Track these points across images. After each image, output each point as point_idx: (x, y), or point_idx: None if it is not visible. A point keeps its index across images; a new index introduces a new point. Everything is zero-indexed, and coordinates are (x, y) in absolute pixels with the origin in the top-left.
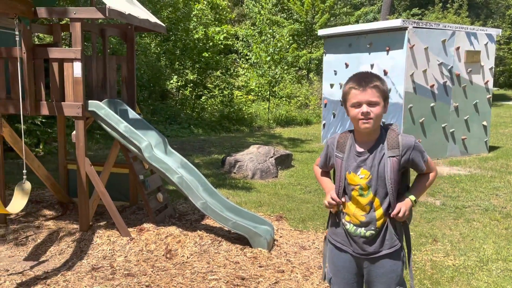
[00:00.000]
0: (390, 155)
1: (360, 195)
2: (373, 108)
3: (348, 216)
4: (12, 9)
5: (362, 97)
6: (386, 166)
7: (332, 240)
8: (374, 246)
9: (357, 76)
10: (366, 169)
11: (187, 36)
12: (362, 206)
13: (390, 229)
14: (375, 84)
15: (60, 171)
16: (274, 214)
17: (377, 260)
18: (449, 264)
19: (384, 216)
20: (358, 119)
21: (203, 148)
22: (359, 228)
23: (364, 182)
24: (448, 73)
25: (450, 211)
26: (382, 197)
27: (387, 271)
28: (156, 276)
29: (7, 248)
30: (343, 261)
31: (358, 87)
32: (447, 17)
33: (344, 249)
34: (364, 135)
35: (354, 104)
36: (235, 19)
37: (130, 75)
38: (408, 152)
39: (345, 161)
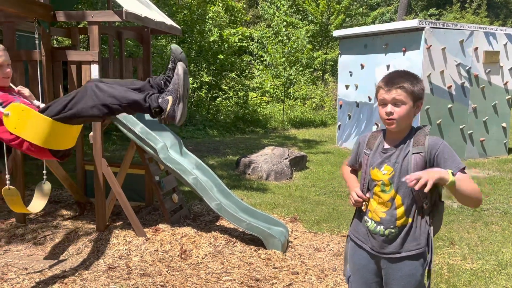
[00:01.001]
0: (415, 152)
1: (382, 191)
2: (398, 108)
3: (370, 213)
4: (31, 13)
5: (387, 97)
6: (410, 162)
7: (353, 237)
8: (393, 246)
9: (388, 75)
10: (390, 165)
11: (203, 38)
12: (384, 202)
13: (414, 231)
14: (402, 85)
15: (78, 171)
16: (288, 216)
17: (396, 262)
18: (467, 267)
19: (405, 216)
20: (384, 118)
21: (218, 149)
22: (378, 226)
23: (386, 178)
24: (466, 74)
25: (468, 214)
26: (403, 195)
27: (405, 274)
28: (171, 276)
29: (26, 247)
30: (361, 259)
31: (384, 86)
32: (466, 17)
33: (364, 246)
34: (393, 133)
35: (380, 102)
36: (250, 21)
37: (146, 77)
38: (433, 151)
39: (371, 157)
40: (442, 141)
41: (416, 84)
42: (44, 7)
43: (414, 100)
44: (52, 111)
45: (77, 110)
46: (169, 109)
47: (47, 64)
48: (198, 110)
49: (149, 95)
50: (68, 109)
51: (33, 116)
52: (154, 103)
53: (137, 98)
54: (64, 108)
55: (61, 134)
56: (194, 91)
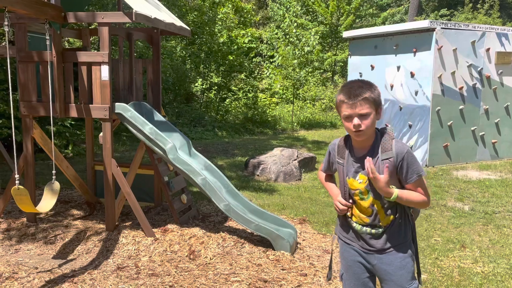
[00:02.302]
0: (384, 158)
1: (361, 199)
2: (365, 120)
3: (354, 217)
4: (43, 14)
5: (352, 111)
6: (380, 169)
7: (342, 237)
8: (380, 241)
9: (347, 87)
10: (364, 174)
11: (212, 39)
12: (365, 209)
13: (397, 226)
14: (365, 97)
15: (88, 172)
16: (297, 217)
17: (385, 256)
18: (478, 271)
19: (387, 216)
20: (352, 131)
21: (227, 150)
22: (365, 227)
23: (363, 187)
24: (477, 75)
25: (479, 217)
26: (382, 200)
27: (397, 267)
28: (180, 276)
29: (37, 246)
30: (352, 256)
31: (348, 100)
32: (477, 18)
33: (352, 245)
34: (359, 142)
35: (345, 117)
36: (260, 22)
37: (156, 78)
38: (399, 158)
39: (345, 167)
40: (407, 149)
41: (374, 91)
42: (55, 8)
43: (376, 108)
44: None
45: None
46: None
47: (58, 65)
48: (207, 111)
49: None
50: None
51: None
52: None
53: None
54: None
55: None
56: (204, 92)
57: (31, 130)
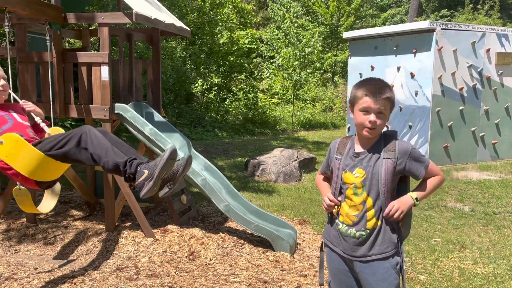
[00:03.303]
0: (386, 157)
1: (354, 193)
2: (380, 118)
3: (341, 216)
4: (43, 15)
5: (373, 106)
6: (381, 167)
7: (327, 241)
8: (363, 248)
9: (370, 84)
10: (362, 169)
11: (213, 40)
12: (356, 205)
13: (383, 234)
14: (387, 96)
15: (88, 172)
16: (297, 218)
17: (368, 265)
18: (478, 272)
19: (375, 219)
20: (364, 126)
21: (227, 151)
22: (350, 228)
23: (359, 181)
24: (478, 76)
25: (480, 218)
26: (374, 198)
27: (379, 279)
28: (179, 277)
29: (36, 247)
30: (336, 263)
31: (372, 95)
32: (478, 19)
33: (335, 249)
34: (365, 139)
35: (364, 109)
36: (260, 23)
37: (156, 79)
38: (404, 159)
39: (342, 161)
40: (410, 148)
41: (393, 93)
42: (55, 9)
43: (391, 110)
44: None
45: (68, 148)
46: (140, 181)
47: (58, 65)
48: (208, 111)
49: (131, 159)
50: (60, 146)
51: (26, 149)
52: (132, 169)
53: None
54: (56, 145)
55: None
56: (204, 92)
57: None
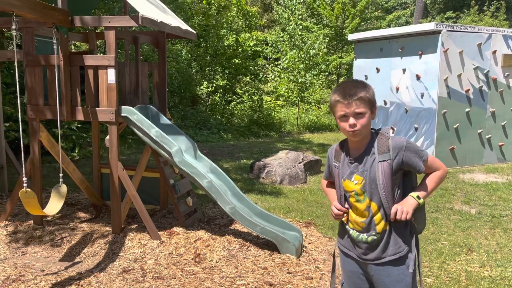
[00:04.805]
0: (381, 160)
1: (357, 201)
2: (360, 119)
3: (351, 223)
4: (50, 18)
5: (348, 110)
6: (378, 171)
7: (340, 246)
8: (376, 251)
9: (341, 87)
10: (359, 175)
11: (218, 42)
12: (361, 212)
13: (394, 234)
14: (360, 96)
15: (94, 174)
16: (302, 220)
17: (382, 268)
18: (485, 275)
19: (383, 221)
20: (348, 130)
21: (232, 153)
22: (361, 234)
23: (358, 188)
24: (484, 78)
25: (487, 220)
26: (378, 202)
27: (394, 280)
28: (185, 279)
29: (43, 249)
30: (350, 266)
31: (343, 100)
32: (484, 20)
33: (350, 254)
34: (355, 143)
35: (340, 116)
36: (265, 25)
37: (162, 81)
38: (400, 154)
39: (340, 169)
40: (405, 142)
41: (369, 91)
42: (62, 12)
43: (371, 107)
44: None
45: None
46: None
47: (65, 68)
48: (213, 114)
49: None
50: None
51: None
52: None
53: None
54: None
55: None
56: (209, 95)
57: (38, 133)
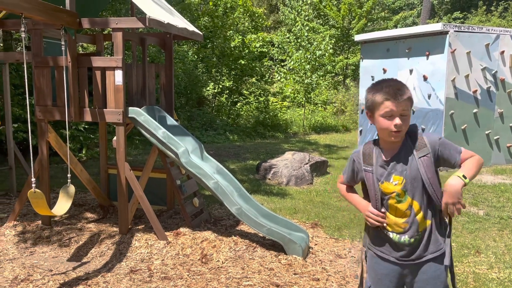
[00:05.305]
0: (420, 155)
1: (398, 202)
2: (404, 120)
3: (389, 226)
4: (59, 20)
5: (396, 110)
6: (420, 167)
7: (374, 249)
8: (418, 251)
9: (388, 86)
10: (398, 175)
11: (224, 43)
12: (402, 213)
13: (434, 232)
14: (409, 96)
15: (101, 175)
16: (309, 222)
17: (421, 266)
18: (493, 277)
19: (425, 220)
20: (390, 130)
21: (238, 154)
22: (402, 236)
23: (399, 188)
24: (492, 78)
25: (495, 222)
26: (420, 200)
27: (431, 277)
28: (192, 280)
29: (51, 249)
30: (385, 269)
31: (393, 99)
32: (491, 21)
33: (387, 257)
34: (389, 143)
35: (387, 115)
36: (271, 26)
37: (168, 82)
38: (436, 148)
39: (375, 173)
40: (438, 137)
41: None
42: (70, 14)
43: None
44: None
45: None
46: None
47: (73, 70)
48: (219, 115)
49: None
50: None
51: None
52: None
53: None
54: None
55: None
56: (215, 96)
57: (46, 134)
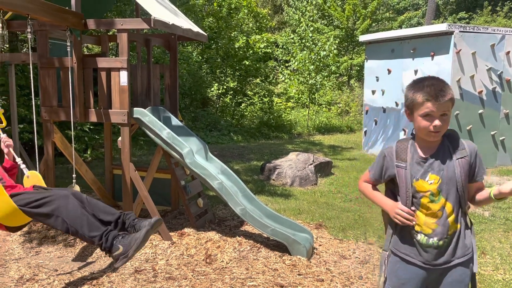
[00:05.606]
0: (459, 157)
1: (431, 201)
2: (444, 120)
3: (418, 226)
4: (64, 22)
5: (437, 111)
6: (456, 168)
7: (398, 253)
8: (446, 255)
9: (429, 86)
10: (435, 174)
11: (229, 44)
12: (434, 213)
13: (462, 236)
14: (450, 97)
15: (106, 175)
16: (313, 222)
17: (448, 271)
18: (499, 278)
19: (455, 223)
20: (428, 131)
21: (243, 154)
22: (431, 238)
23: (434, 187)
24: (497, 79)
25: (500, 223)
26: (453, 202)
27: (455, 280)
28: (196, 280)
29: (57, 249)
30: (409, 274)
31: (434, 100)
32: (497, 21)
33: (413, 261)
34: (427, 142)
35: (426, 115)
36: (275, 27)
37: (173, 83)
38: (473, 156)
39: (410, 169)
40: (476, 147)
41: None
42: (76, 16)
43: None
44: (21, 201)
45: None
46: (115, 255)
47: (78, 70)
48: (223, 115)
49: (107, 232)
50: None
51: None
52: (107, 243)
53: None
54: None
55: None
56: (220, 97)
57: (52, 134)
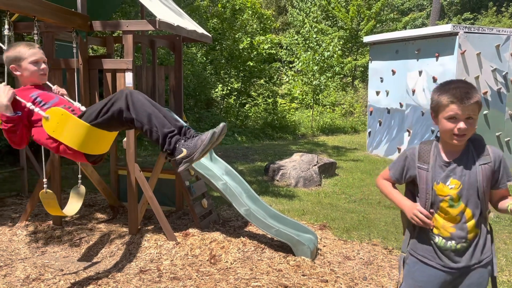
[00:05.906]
0: (482, 163)
1: (450, 206)
2: (470, 124)
3: (436, 229)
4: (70, 23)
5: (462, 113)
6: (478, 174)
7: (416, 255)
8: (464, 259)
9: (455, 88)
10: (456, 179)
11: (233, 45)
12: (452, 217)
13: (482, 241)
14: (477, 100)
15: (111, 176)
16: (317, 223)
17: (467, 274)
18: (504, 280)
19: (476, 228)
20: (453, 134)
21: (247, 155)
22: (449, 241)
23: (454, 192)
24: (502, 80)
25: (505, 224)
26: (473, 208)
27: (473, 283)
28: (201, 280)
29: (62, 248)
30: (427, 276)
31: (460, 102)
32: (502, 22)
33: (431, 263)
34: (451, 145)
35: (451, 117)
36: (279, 28)
37: (178, 84)
38: (497, 162)
39: (431, 172)
40: (502, 153)
41: (479, 94)
42: (82, 17)
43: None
44: (89, 117)
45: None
46: (178, 158)
47: (84, 72)
48: (227, 116)
49: (172, 134)
50: (105, 112)
51: (71, 121)
52: (170, 145)
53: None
54: (101, 112)
55: (96, 139)
56: (224, 97)
57: None
